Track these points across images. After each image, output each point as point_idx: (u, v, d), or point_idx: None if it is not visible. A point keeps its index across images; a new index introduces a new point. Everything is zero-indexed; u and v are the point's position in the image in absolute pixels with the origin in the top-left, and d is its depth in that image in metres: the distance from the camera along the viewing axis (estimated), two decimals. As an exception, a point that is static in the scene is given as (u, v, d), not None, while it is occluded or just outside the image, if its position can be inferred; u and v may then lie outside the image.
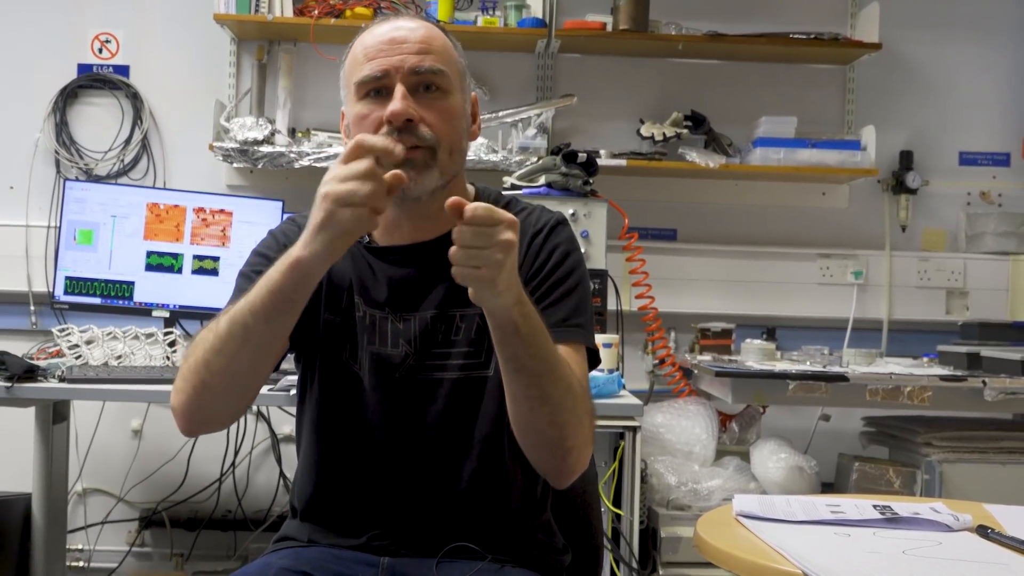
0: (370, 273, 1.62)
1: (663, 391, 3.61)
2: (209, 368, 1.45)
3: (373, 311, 1.61)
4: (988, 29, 3.92)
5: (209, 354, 1.44)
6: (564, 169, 3.16)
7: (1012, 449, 3.08)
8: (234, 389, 1.49)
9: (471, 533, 1.57)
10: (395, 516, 1.58)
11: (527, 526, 1.63)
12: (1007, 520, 1.61)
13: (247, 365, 1.46)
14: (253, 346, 1.44)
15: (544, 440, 1.48)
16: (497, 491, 1.59)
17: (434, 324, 1.59)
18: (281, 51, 3.69)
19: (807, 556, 1.36)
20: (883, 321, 3.83)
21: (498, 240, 1.30)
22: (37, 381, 2.55)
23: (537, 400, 1.43)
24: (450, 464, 1.58)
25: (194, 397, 1.49)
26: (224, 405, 1.52)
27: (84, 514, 3.67)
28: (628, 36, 3.59)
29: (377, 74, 1.52)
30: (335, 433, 1.62)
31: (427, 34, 1.57)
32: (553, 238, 1.63)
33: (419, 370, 1.59)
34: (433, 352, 1.59)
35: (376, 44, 1.55)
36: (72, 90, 3.71)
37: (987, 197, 3.92)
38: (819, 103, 3.87)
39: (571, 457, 1.50)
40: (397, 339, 1.59)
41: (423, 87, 1.54)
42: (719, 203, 3.86)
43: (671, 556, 3.02)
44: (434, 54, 1.55)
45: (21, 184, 3.68)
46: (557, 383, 1.43)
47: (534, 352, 1.40)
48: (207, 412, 1.52)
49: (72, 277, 3.09)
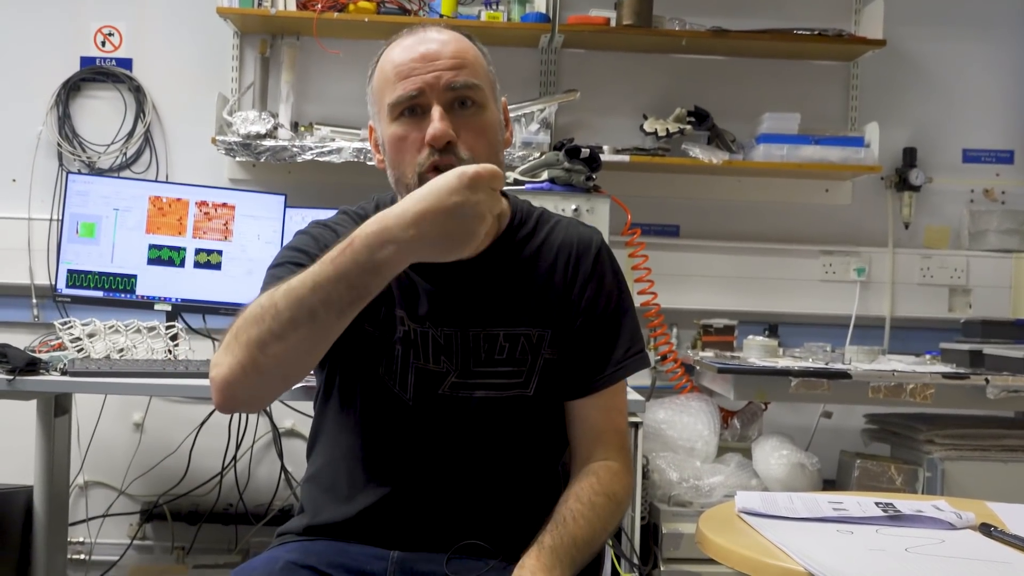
0: (411, 287, 1.61)
1: (665, 387, 3.60)
2: (264, 350, 1.39)
3: (416, 325, 1.60)
4: (993, 26, 3.91)
5: (266, 336, 1.38)
6: (567, 164, 3.16)
7: (1014, 447, 3.08)
8: (286, 374, 1.44)
9: (481, 530, 1.57)
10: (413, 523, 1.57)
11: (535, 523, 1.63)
12: (1010, 518, 1.61)
13: (306, 353, 1.42)
14: (318, 337, 1.40)
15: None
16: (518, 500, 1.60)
17: (476, 342, 1.58)
18: (284, 45, 3.69)
19: (810, 553, 1.36)
20: (886, 318, 3.82)
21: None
22: (39, 374, 2.54)
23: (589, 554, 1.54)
24: (480, 481, 1.58)
25: (240, 374, 1.41)
26: (271, 387, 1.47)
27: (85, 507, 3.68)
28: (632, 31, 3.58)
29: (412, 92, 1.52)
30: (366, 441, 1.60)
31: (458, 47, 1.56)
32: (601, 267, 1.67)
33: (461, 388, 1.58)
34: (475, 371, 1.58)
35: (408, 61, 1.53)
36: (75, 83, 3.70)
37: (990, 194, 3.91)
38: (823, 99, 3.86)
39: (621, 518, 1.64)
40: (439, 355, 1.59)
41: (459, 103, 1.53)
42: (722, 199, 3.85)
43: (672, 552, 3.02)
44: (468, 68, 1.54)
45: (23, 177, 3.68)
46: (599, 538, 1.55)
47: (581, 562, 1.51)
48: (251, 392, 1.46)
49: (74, 270, 3.08)
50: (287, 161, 3.49)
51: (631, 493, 1.63)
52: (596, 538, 1.52)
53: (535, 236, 1.67)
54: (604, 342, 1.62)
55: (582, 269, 1.64)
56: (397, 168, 1.55)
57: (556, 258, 1.64)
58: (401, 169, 1.54)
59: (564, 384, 1.63)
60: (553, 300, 1.62)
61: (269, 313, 1.39)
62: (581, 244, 1.67)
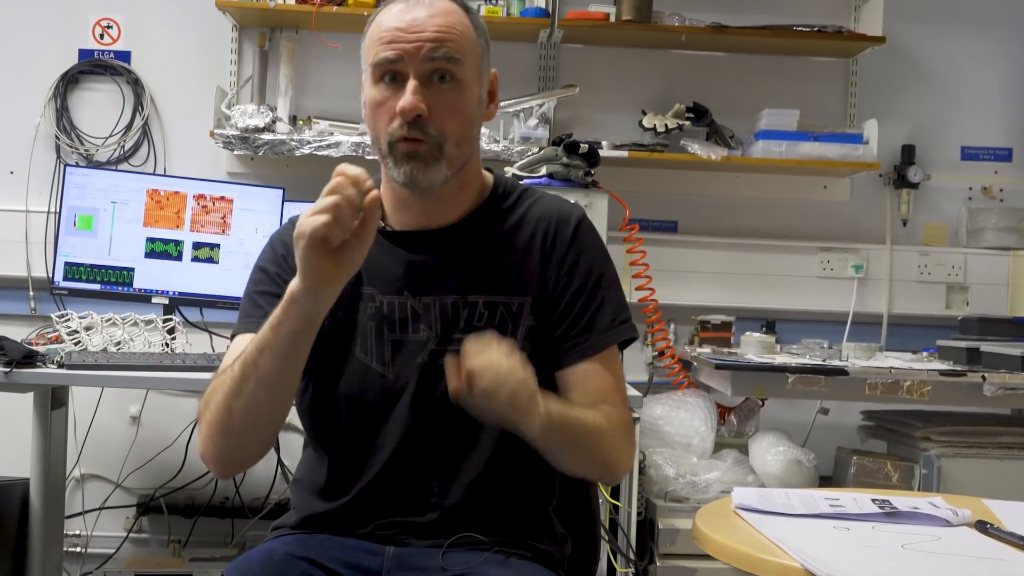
0: (384, 258, 1.60)
1: (662, 383, 3.60)
2: (231, 413, 1.46)
3: (390, 298, 1.60)
4: (992, 24, 3.91)
5: (229, 398, 1.45)
6: (565, 160, 3.15)
7: (1011, 444, 3.08)
8: (258, 428, 1.50)
9: (477, 525, 1.56)
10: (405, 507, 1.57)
11: (531, 516, 1.63)
12: (1006, 516, 1.61)
13: (266, 404, 1.47)
14: (268, 384, 1.44)
15: (585, 472, 1.65)
16: (506, 478, 1.59)
17: (455, 309, 1.58)
18: (283, 38, 3.68)
19: (806, 549, 1.36)
20: (883, 315, 3.82)
21: (510, 384, 1.39)
22: (36, 367, 2.54)
23: (574, 451, 1.53)
24: (463, 450, 1.57)
25: (222, 443, 1.49)
26: (252, 444, 1.53)
27: (82, 500, 3.68)
28: (631, 27, 3.58)
29: (391, 57, 1.52)
30: (345, 423, 1.60)
31: (447, 19, 1.55)
32: (581, 238, 1.65)
33: (440, 355, 1.55)
34: (455, 338, 1.55)
35: (394, 26, 1.53)
36: (73, 75, 3.70)
37: (988, 192, 3.91)
38: (822, 96, 3.86)
39: (614, 473, 1.62)
40: (418, 324, 1.58)
41: (437, 76, 1.52)
42: (720, 195, 3.85)
43: (668, 548, 3.02)
44: (452, 41, 1.53)
45: (21, 169, 3.67)
46: (590, 437, 1.52)
47: (567, 432, 1.49)
48: (237, 454, 1.53)
49: (72, 263, 3.08)
50: (285, 155, 3.48)
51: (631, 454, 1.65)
52: (597, 432, 1.53)
53: (516, 209, 1.67)
54: (590, 309, 1.61)
55: (560, 239, 1.63)
56: (373, 131, 1.58)
57: (536, 228, 1.64)
58: (376, 133, 1.57)
59: (551, 352, 1.61)
60: (532, 269, 1.61)
61: (228, 377, 1.47)
62: (561, 216, 1.66)
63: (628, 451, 1.61)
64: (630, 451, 1.63)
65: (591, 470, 1.62)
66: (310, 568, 1.49)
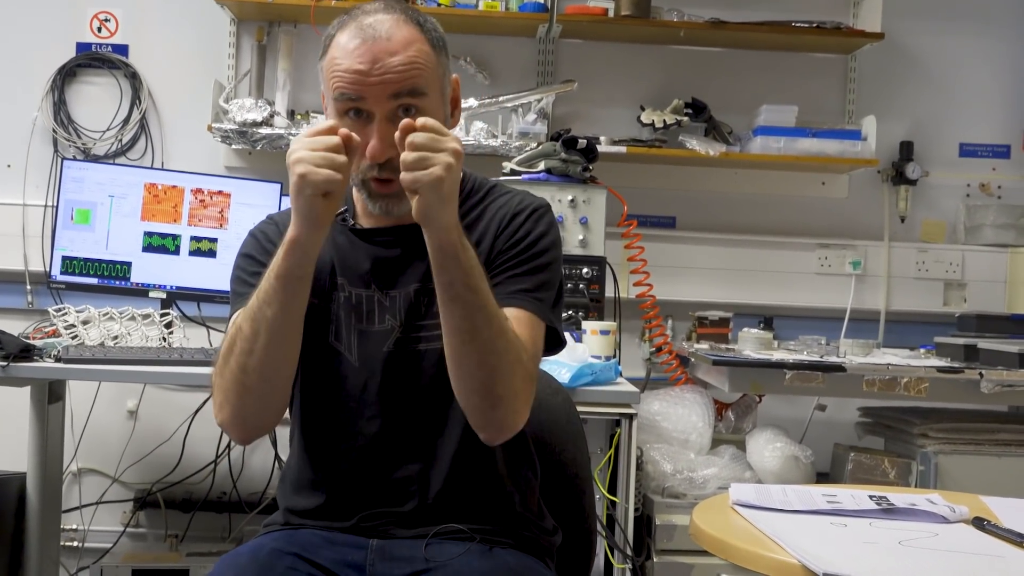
0: (353, 253, 1.65)
1: (660, 379, 3.60)
2: (245, 371, 1.50)
3: (359, 291, 1.64)
4: (990, 20, 3.91)
5: (242, 358, 1.50)
6: (564, 155, 3.15)
7: (1008, 441, 3.09)
8: (272, 384, 1.53)
9: (460, 514, 1.58)
10: (385, 497, 1.59)
11: (514, 505, 1.64)
12: (1003, 512, 1.61)
13: (278, 356, 1.51)
14: (279, 336, 1.49)
15: (473, 383, 1.49)
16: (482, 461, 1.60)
17: (417, 297, 1.61)
18: (281, 32, 3.67)
19: (803, 545, 1.36)
20: (881, 312, 3.82)
21: (448, 146, 1.40)
22: (33, 361, 2.54)
23: (468, 334, 1.46)
24: (436, 434, 1.60)
25: (239, 406, 1.53)
26: (268, 404, 1.55)
27: (79, 494, 3.67)
28: (630, 22, 3.57)
29: (353, 96, 1.52)
30: (324, 415, 1.64)
31: (405, 52, 1.53)
32: (533, 220, 1.65)
33: (406, 343, 1.61)
34: (418, 324, 1.61)
35: (354, 62, 1.52)
36: (70, 69, 3.69)
37: (987, 189, 3.91)
38: (820, 92, 3.86)
39: (501, 407, 1.51)
40: (384, 315, 1.62)
41: (402, 110, 1.53)
42: (718, 191, 3.85)
43: (665, 543, 3.02)
44: (413, 76, 1.52)
45: (18, 163, 3.67)
46: (490, 321, 1.46)
47: (470, 283, 1.44)
48: (255, 416, 1.56)
49: (69, 257, 3.08)
50: (283, 149, 3.47)
51: (526, 399, 1.54)
52: (501, 326, 1.48)
53: (481, 203, 1.69)
54: (513, 272, 1.60)
55: (515, 221, 1.64)
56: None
57: (495, 215, 1.65)
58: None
59: None
60: (485, 248, 1.62)
61: (236, 337, 1.51)
62: (523, 203, 1.67)
63: (521, 392, 1.52)
64: (524, 397, 1.53)
65: (478, 377, 1.48)
66: (296, 562, 1.52)
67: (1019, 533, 1.45)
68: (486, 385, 1.48)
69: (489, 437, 1.55)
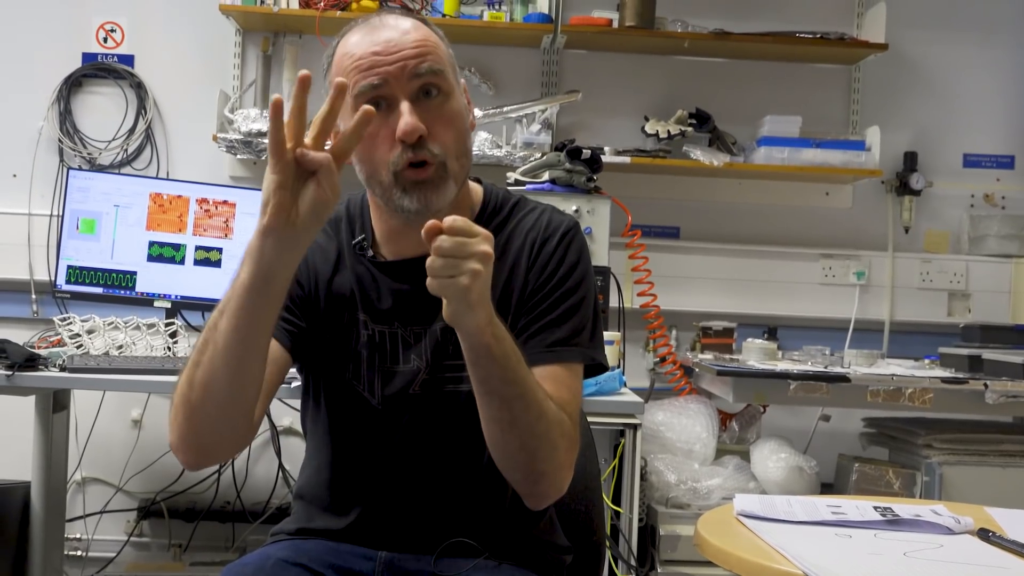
0: (375, 288, 1.59)
1: (664, 389, 3.60)
2: (191, 385, 1.39)
3: (381, 327, 1.58)
4: (995, 31, 3.91)
5: (190, 369, 1.39)
6: (568, 165, 3.16)
7: (1013, 452, 3.08)
8: (219, 406, 1.39)
9: (469, 529, 1.57)
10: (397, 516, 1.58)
11: (526, 523, 1.63)
12: (1008, 523, 1.61)
13: (224, 374, 1.37)
14: (226, 351, 1.35)
15: (514, 463, 1.46)
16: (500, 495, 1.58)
17: (444, 337, 1.55)
18: (286, 43, 3.69)
19: (808, 557, 1.36)
20: (885, 322, 3.82)
21: (475, 251, 1.30)
22: (38, 370, 2.54)
23: (507, 423, 1.41)
24: (458, 477, 1.57)
25: (185, 424, 1.41)
26: (217, 426, 1.43)
27: (83, 503, 3.67)
28: (634, 33, 3.58)
29: (375, 83, 1.47)
30: (345, 452, 1.61)
31: (419, 34, 1.51)
32: (564, 247, 1.59)
33: (432, 384, 1.56)
34: (446, 365, 1.56)
35: (368, 52, 1.49)
36: (76, 79, 3.70)
37: (990, 199, 3.91)
38: (824, 103, 3.86)
39: (543, 482, 1.48)
40: (409, 355, 1.57)
41: (424, 92, 1.48)
42: (722, 202, 3.85)
43: (670, 554, 3.02)
44: (431, 55, 1.49)
45: (24, 172, 3.67)
46: (528, 408, 1.41)
47: (505, 376, 1.38)
48: (202, 437, 1.43)
49: (74, 266, 3.08)
50: (288, 159, 3.48)
51: (568, 469, 1.50)
52: (540, 407, 1.42)
53: (507, 224, 1.62)
54: (552, 313, 1.54)
55: (547, 248, 1.58)
56: (368, 164, 1.51)
57: (524, 242, 1.59)
58: (374, 166, 1.50)
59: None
60: (518, 283, 1.57)
61: (191, 355, 1.41)
62: (551, 227, 1.61)
63: (565, 462, 1.48)
64: (567, 465, 1.49)
65: (520, 459, 1.45)
66: (302, 573, 1.50)
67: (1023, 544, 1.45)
68: (526, 464, 1.45)
69: (534, 505, 1.54)
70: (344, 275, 1.59)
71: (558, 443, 1.45)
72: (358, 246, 1.61)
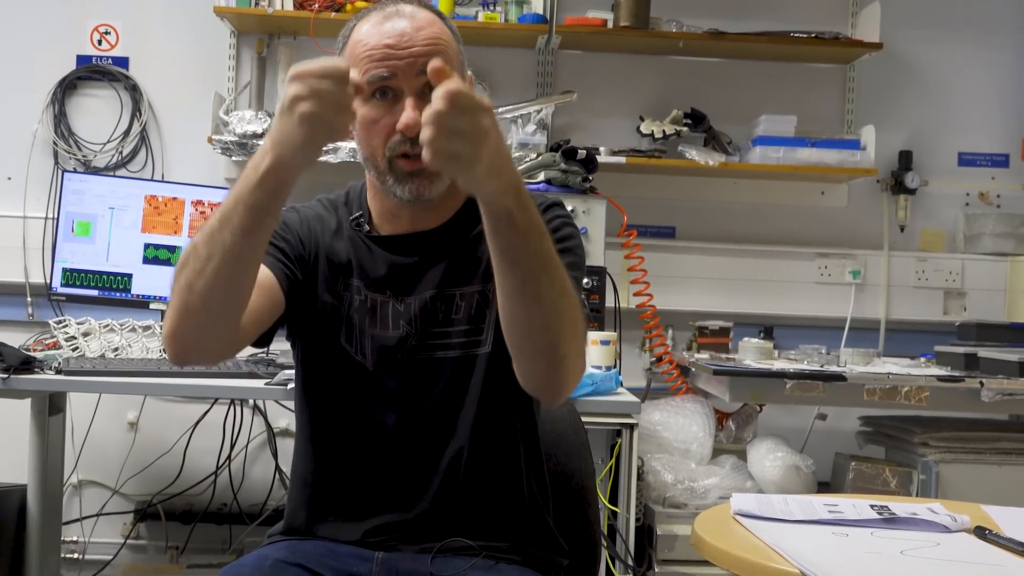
0: (370, 258, 1.64)
1: (660, 389, 3.60)
2: (191, 290, 1.39)
3: (374, 295, 1.62)
4: (989, 30, 3.91)
5: (191, 277, 1.38)
6: (563, 166, 3.16)
7: (1009, 450, 3.09)
8: (217, 312, 1.42)
9: (466, 528, 1.57)
10: (391, 505, 1.58)
11: (523, 520, 1.63)
12: (1005, 521, 1.61)
13: (229, 284, 1.40)
14: (233, 263, 1.37)
15: (537, 347, 1.42)
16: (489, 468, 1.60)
17: (433, 304, 1.60)
18: (281, 44, 3.68)
19: (805, 556, 1.36)
20: (881, 321, 3.83)
21: (476, 124, 1.24)
22: (34, 373, 2.54)
23: (532, 298, 1.37)
24: (444, 444, 1.59)
25: (178, 322, 1.42)
26: (210, 329, 1.44)
27: (79, 506, 3.67)
28: (629, 33, 3.58)
29: (384, 75, 1.50)
30: (333, 414, 1.63)
31: (431, 30, 1.55)
32: (549, 212, 1.64)
33: (420, 350, 1.60)
34: (433, 332, 1.60)
35: (380, 43, 1.52)
36: (71, 81, 3.70)
37: (986, 198, 3.91)
38: (819, 102, 3.87)
39: (564, 367, 1.44)
40: (398, 321, 1.60)
41: (429, 88, 1.45)
42: (718, 201, 3.85)
43: (667, 554, 3.02)
44: (440, 53, 1.52)
45: (19, 175, 3.67)
46: (553, 283, 1.37)
47: (531, 246, 1.34)
48: (194, 338, 1.44)
49: (69, 269, 3.08)
50: (283, 161, 3.47)
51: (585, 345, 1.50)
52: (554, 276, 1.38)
53: None
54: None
55: None
56: (367, 148, 1.56)
57: None
58: (371, 150, 1.55)
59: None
60: None
61: (191, 255, 1.39)
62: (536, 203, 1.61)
63: (582, 349, 1.47)
64: (583, 352, 1.48)
65: (543, 340, 1.40)
66: (300, 573, 1.52)
67: (1020, 542, 1.45)
68: (550, 347, 1.41)
69: (551, 397, 1.50)
70: (342, 243, 1.63)
71: (579, 324, 1.43)
72: (355, 222, 1.66)
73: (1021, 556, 1.43)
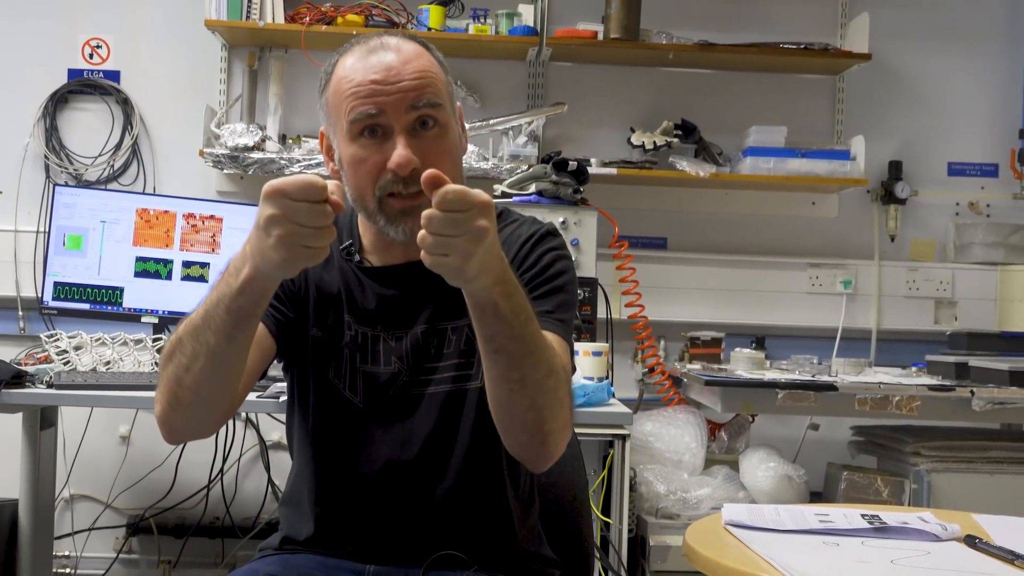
0: (360, 291, 1.60)
1: (652, 399, 3.61)
2: (181, 385, 1.40)
3: (364, 329, 1.59)
4: (978, 40, 3.94)
5: (179, 371, 1.39)
6: (554, 177, 3.17)
7: (1000, 459, 3.09)
8: (208, 403, 1.44)
9: (457, 542, 1.56)
10: (383, 527, 1.57)
11: (513, 534, 1.63)
12: (995, 530, 1.61)
13: (216, 381, 1.41)
14: (218, 363, 1.38)
15: (522, 424, 1.42)
16: (481, 501, 1.58)
17: (425, 339, 1.57)
18: (272, 58, 3.69)
19: (796, 565, 1.36)
20: (872, 331, 3.84)
21: (470, 228, 1.22)
22: (25, 387, 2.54)
23: (517, 383, 1.37)
24: (437, 477, 1.57)
25: (169, 410, 1.44)
26: (202, 417, 1.47)
27: (71, 520, 3.66)
28: (619, 45, 3.59)
29: (372, 111, 1.46)
30: (327, 452, 1.61)
31: (418, 63, 1.50)
32: (542, 245, 1.61)
33: (412, 386, 1.57)
34: (425, 367, 1.57)
35: (367, 79, 1.47)
36: (62, 95, 3.70)
37: (975, 208, 3.93)
38: (809, 113, 3.88)
39: (550, 441, 1.44)
40: (389, 357, 1.58)
41: (420, 124, 1.48)
42: (709, 212, 3.86)
43: (659, 565, 3.02)
44: (429, 85, 1.49)
45: (10, 189, 3.67)
46: (538, 366, 1.37)
47: (515, 333, 1.34)
48: (186, 423, 1.47)
49: (61, 282, 3.07)
50: (275, 173, 3.48)
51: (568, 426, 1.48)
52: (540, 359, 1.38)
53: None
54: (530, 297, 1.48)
55: (522, 251, 1.60)
56: (355, 189, 1.51)
57: (508, 251, 1.56)
58: (359, 191, 1.50)
59: None
60: None
61: (177, 348, 1.40)
62: (530, 232, 1.62)
63: (569, 420, 1.47)
64: (570, 423, 1.48)
65: (529, 418, 1.41)
66: None
67: (1010, 551, 1.46)
68: (535, 424, 1.41)
69: (536, 467, 1.52)
70: (332, 275, 1.61)
71: (564, 400, 1.44)
72: (346, 251, 1.63)
73: (1011, 564, 1.43)
